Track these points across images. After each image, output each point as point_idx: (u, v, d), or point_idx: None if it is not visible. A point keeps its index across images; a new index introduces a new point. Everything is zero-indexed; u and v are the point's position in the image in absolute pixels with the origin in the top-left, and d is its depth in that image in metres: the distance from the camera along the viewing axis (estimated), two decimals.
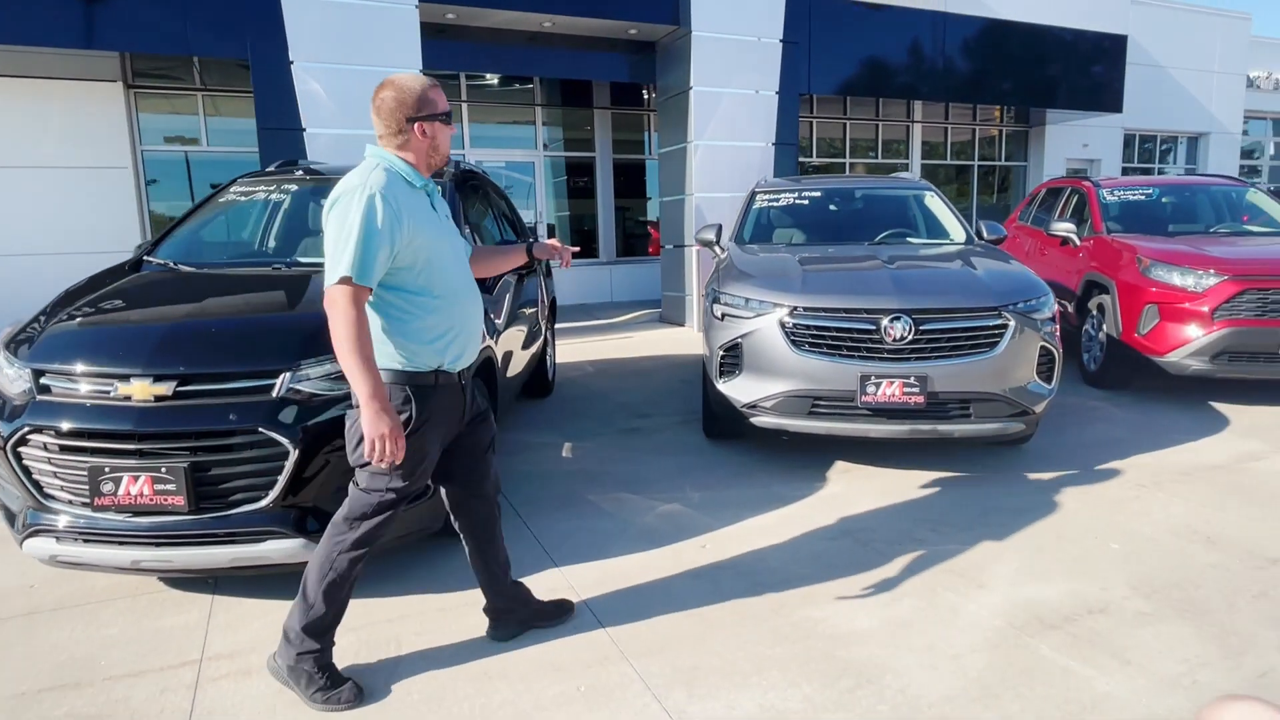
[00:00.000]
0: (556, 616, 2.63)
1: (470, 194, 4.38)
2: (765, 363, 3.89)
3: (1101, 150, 15.43)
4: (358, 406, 2.04)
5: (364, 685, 2.27)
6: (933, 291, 3.74)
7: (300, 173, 4.19)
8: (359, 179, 2.05)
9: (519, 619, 2.57)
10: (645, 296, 11.62)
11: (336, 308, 1.98)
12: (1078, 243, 6.46)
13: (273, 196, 4.10)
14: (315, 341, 2.55)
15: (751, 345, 3.93)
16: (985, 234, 5.05)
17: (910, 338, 3.65)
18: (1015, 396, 3.75)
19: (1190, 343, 5.11)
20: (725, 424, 4.34)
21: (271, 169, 4.35)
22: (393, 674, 2.38)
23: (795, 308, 3.83)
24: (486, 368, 3.57)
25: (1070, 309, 6.45)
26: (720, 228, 5.37)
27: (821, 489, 3.88)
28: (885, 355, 3.69)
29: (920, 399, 3.65)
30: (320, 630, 2.21)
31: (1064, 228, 6.57)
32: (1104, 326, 5.77)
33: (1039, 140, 14.97)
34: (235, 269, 3.50)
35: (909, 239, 5.08)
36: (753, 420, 4.00)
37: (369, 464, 2.08)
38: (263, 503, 2.50)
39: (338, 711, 2.18)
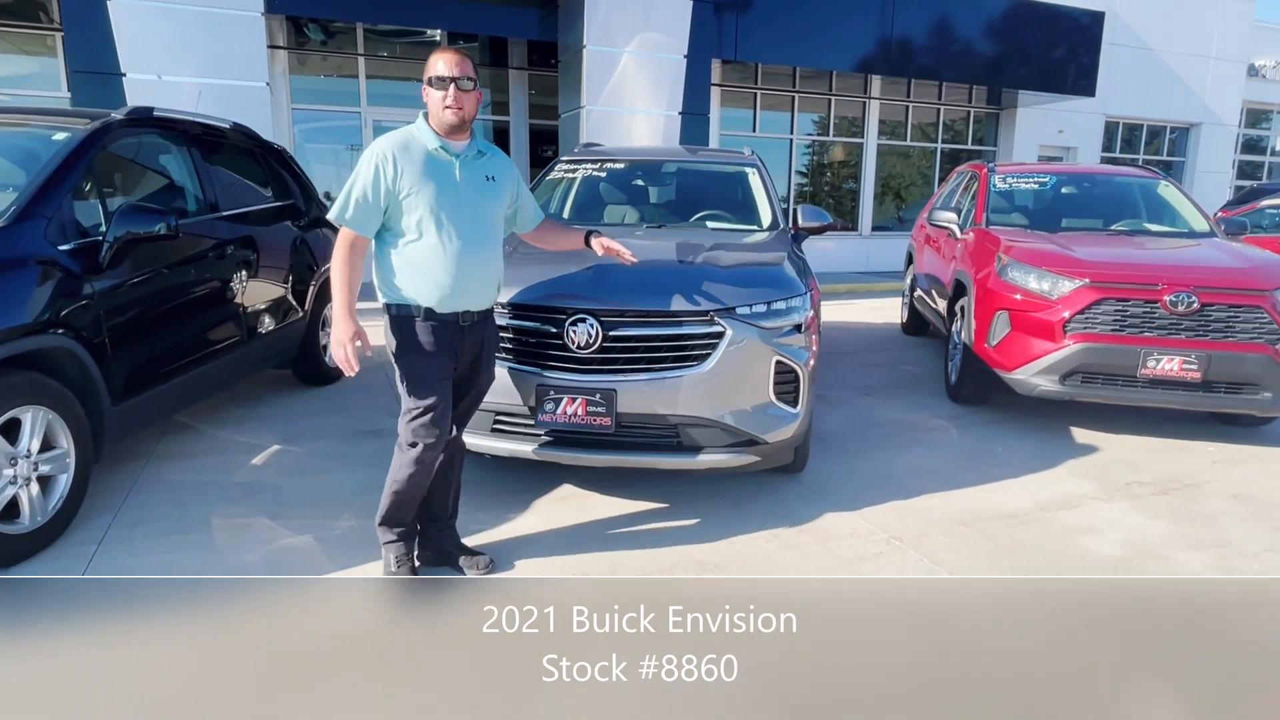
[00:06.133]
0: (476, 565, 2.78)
1: (143, 150, 3.68)
2: None
3: (1079, 137, 14.41)
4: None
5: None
6: (629, 289, 2.99)
7: None
8: (379, 138, 2.48)
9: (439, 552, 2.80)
10: None
11: (336, 242, 2.48)
12: (959, 235, 5.66)
13: None
14: None
15: None
16: (802, 220, 4.29)
17: (597, 345, 2.92)
18: (736, 423, 3.01)
19: (1039, 359, 4.34)
20: None
21: None
22: None
23: None
24: (68, 359, 2.90)
25: (943, 310, 5.69)
26: None
27: (509, 522, 3.18)
28: (570, 366, 2.96)
29: (606, 421, 2.93)
30: (393, 522, 2.67)
31: (945, 217, 5.76)
32: (963, 333, 5.00)
33: (1010, 123, 13.98)
34: None
35: (709, 223, 4.31)
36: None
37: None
38: None
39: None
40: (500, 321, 3.02)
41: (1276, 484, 3.85)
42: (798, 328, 3.12)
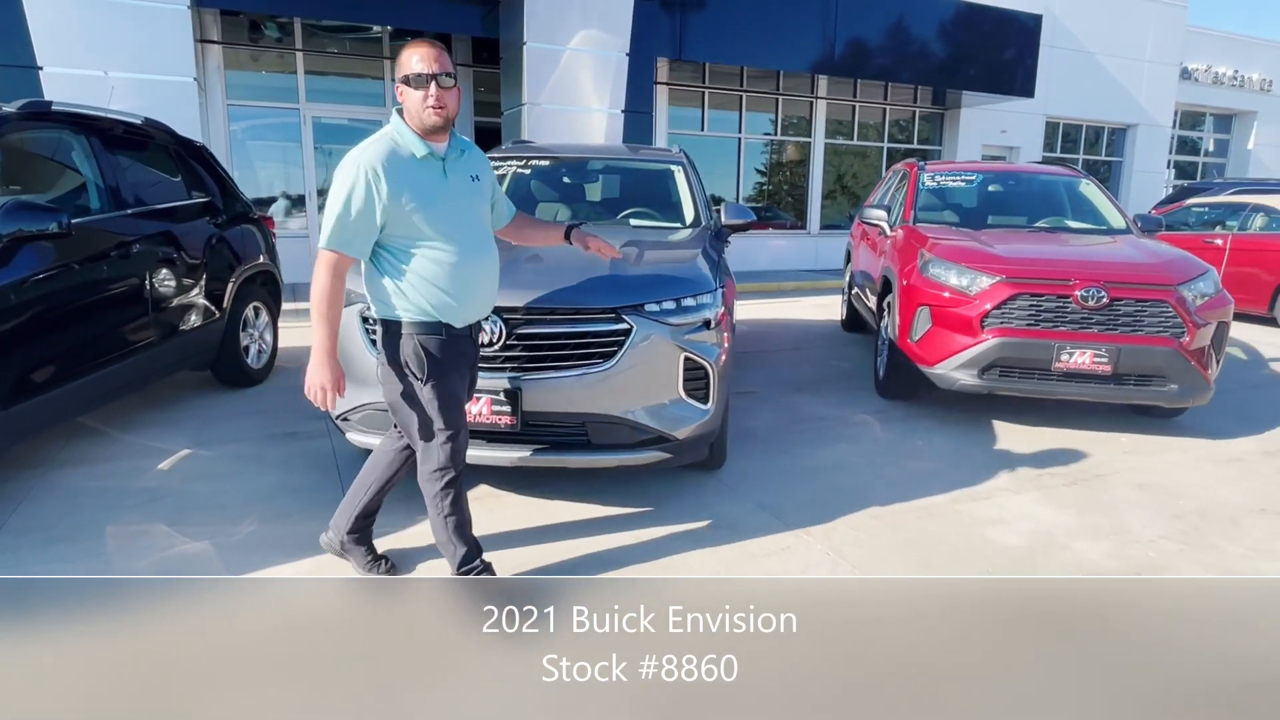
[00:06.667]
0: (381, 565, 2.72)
1: (40, 145, 3.56)
2: (353, 367, 3.10)
3: (1021, 137, 14.75)
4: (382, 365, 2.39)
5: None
6: (535, 286, 2.96)
7: None
8: (359, 149, 2.19)
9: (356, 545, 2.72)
10: None
11: (316, 270, 2.21)
12: (888, 232, 5.74)
13: None
14: None
15: (341, 342, 3.15)
16: (725, 217, 4.30)
17: (501, 343, 2.89)
18: (645, 420, 3.01)
19: (959, 353, 4.41)
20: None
21: None
22: None
23: None
24: None
25: (875, 306, 5.76)
26: None
27: (417, 525, 3.11)
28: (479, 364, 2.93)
29: (511, 420, 2.90)
30: (473, 557, 2.48)
31: (876, 215, 5.84)
32: (889, 329, 5.07)
33: (954, 123, 14.25)
34: None
35: (633, 221, 4.30)
36: (347, 436, 3.25)
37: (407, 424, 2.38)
38: None
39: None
40: None
41: (1180, 473, 3.97)
42: (707, 324, 3.12)
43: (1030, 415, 4.81)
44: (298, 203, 10.07)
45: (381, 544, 2.91)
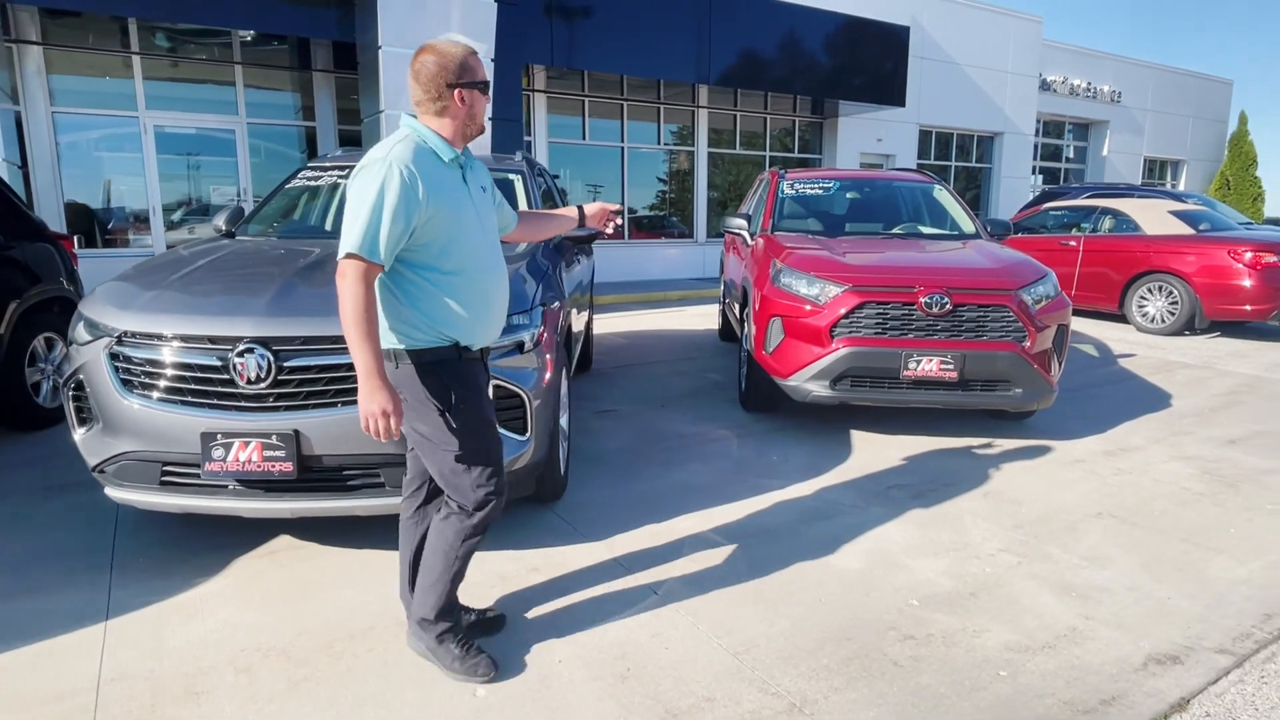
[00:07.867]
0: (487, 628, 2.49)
1: None
2: (105, 410, 2.70)
3: (896, 145, 15.23)
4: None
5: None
6: (310, 312, 2.62)
7: None
8: (383, 151, 1.97)
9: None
10: None
11: (345, 281, 1.91)
12: (749, 241, 5.64)
13: None
14: None
15: (90, 383, 2.72)
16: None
17: (270, 379, 2.53)
18: None
19: (810, 364, 4.31)
20: None
21: None
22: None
23: (123, 333, 2.65)
24: None
25: (740, 316, 5.65)
26: (241, 212, 4.13)
27: (195, 588, 2.72)
28: (239, 405, 2.56)
29: (287, 466, 2.54)
30: (450, 609, 2.26)
31: (736, 224, 5.73)
32: (747, 340, 4.94)
33: (833, 132, 14.56)
34: None
35: None
36: (105, 491, 2.81)
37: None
38: None
39: (481, 682, 2.20)
40: (156, 355, 2.60)
41: (1024, 478, 3.96)
42: (519, 347, 2.85)
43: (888, 424, 4.77)
44: (140, 218, 9.26)
45: (140, 614, 2.51)
